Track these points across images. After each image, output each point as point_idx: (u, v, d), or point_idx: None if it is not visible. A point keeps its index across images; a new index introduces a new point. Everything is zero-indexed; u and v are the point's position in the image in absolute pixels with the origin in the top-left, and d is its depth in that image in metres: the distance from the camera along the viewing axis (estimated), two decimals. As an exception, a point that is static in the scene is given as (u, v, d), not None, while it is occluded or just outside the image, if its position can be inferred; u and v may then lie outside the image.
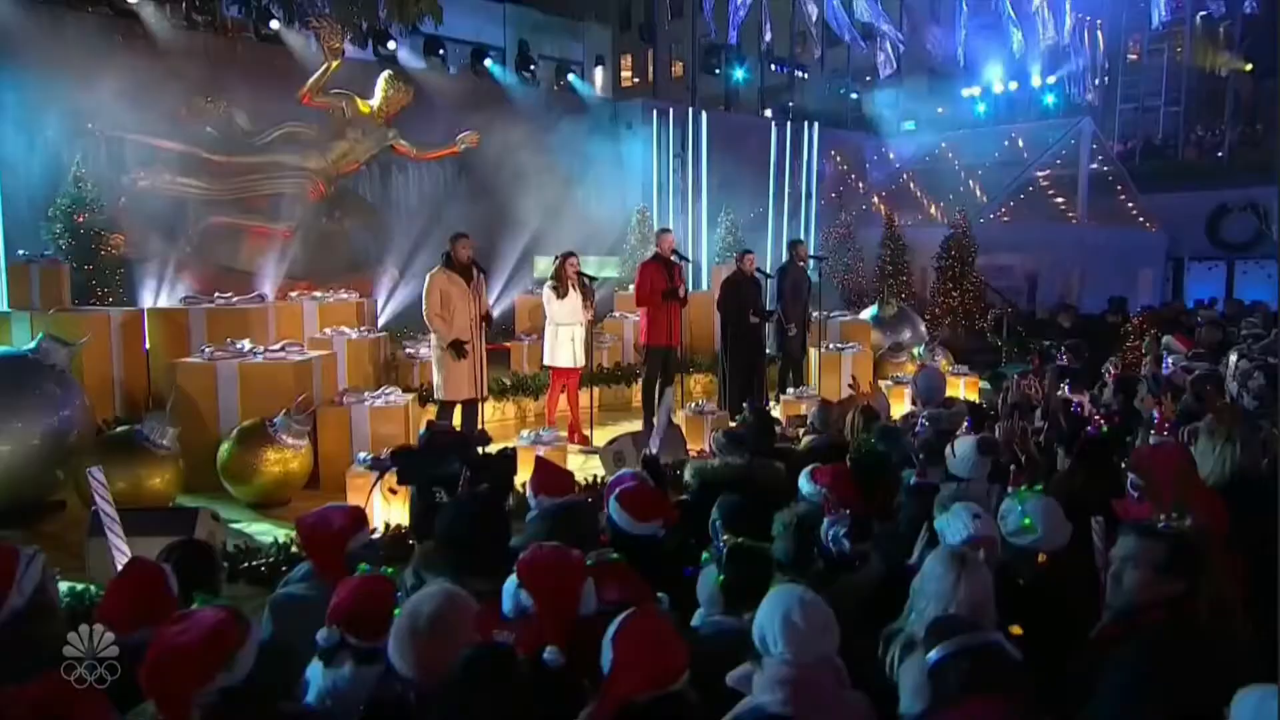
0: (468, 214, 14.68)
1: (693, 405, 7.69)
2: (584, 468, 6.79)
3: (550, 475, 3.61)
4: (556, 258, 7.66)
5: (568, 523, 3.28)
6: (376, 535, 4.37)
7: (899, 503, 3.89)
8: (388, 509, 4.74)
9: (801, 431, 5.09)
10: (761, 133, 15.15)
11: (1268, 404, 5.21)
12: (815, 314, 10.39)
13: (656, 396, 8.27)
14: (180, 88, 11.10)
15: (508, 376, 9.29)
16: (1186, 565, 2.24)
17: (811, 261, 9.82)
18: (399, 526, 4.68)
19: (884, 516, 3.75)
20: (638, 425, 7.96)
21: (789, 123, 15.07)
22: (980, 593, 2.20)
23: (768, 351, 9.33)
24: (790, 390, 8.42)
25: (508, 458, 4.06)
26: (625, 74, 25.60)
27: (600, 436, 8.24)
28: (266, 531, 4.99)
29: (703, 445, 7.24)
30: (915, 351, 11.05)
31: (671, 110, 14.14)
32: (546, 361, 7.75)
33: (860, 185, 23.15)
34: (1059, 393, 6.08)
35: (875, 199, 21.93)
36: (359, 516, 2.96)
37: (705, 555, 2.72)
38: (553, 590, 2.28)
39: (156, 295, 9.68)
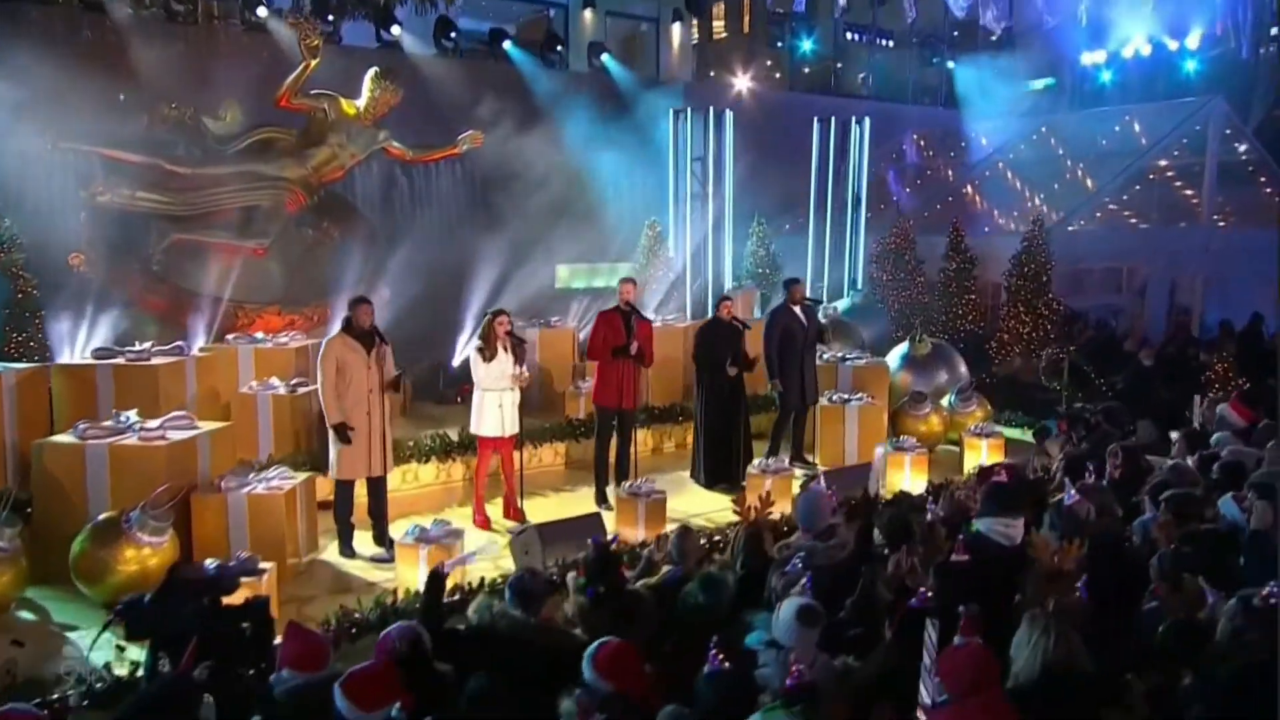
0: (479, 221, 15.03)
1: (626, 485, 7.69)
2: (498, 563, 6.92)
3: (303, 645, 3.71)
4: (486, 314, 7.80)
5: (318, 709, 3.38)
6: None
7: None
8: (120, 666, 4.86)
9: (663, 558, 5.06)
10: (803, 124, 14.96)
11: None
12: (829, 356, 10.28)
13: (610, 462, 8.35)
14: (147, 95, 11.56)
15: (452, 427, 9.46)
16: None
17: (814, 305, 9.69)
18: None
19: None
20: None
21: (833, 117, 14.81)
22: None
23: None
24: (756, 463, 8.33)
25: (256, 609, 4.14)
26: (717, 24, 25.28)
27: (558, 505, 8.39)
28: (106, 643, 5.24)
29: (639, 532, 7.27)
30: (947, 401, 10.78)
31: (692, 109, 14.03)
32: (473, 430, 7.90)
33: (949, 173, 22.62)
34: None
35: (967, 189, 21.40)
36: None
37: None
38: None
39: (81, 343, 10.14)
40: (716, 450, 8.79)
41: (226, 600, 4.26)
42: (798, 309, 9.42)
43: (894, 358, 11.56)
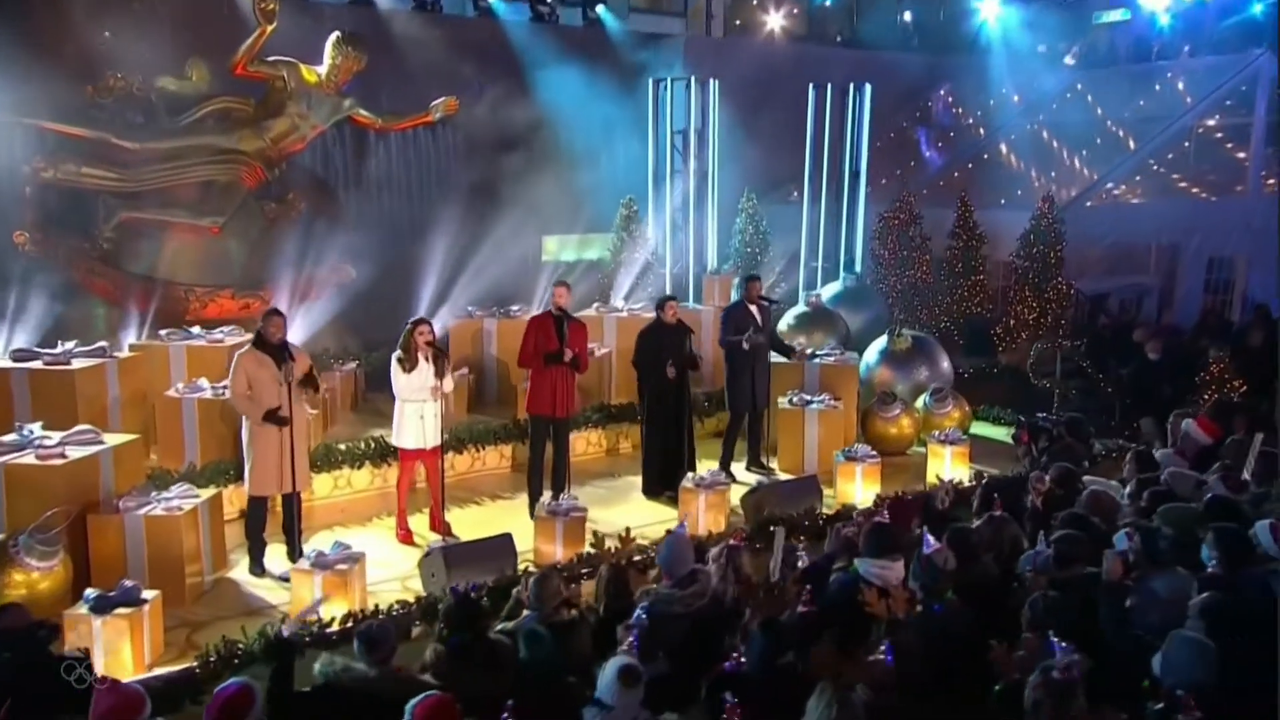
0: (458, 193, 15.26)
1: (546, 501, 8.00)
2: (406, 584, 7.27)
3: (117, 700, 4.05)
4: (407, 324, 8.08)
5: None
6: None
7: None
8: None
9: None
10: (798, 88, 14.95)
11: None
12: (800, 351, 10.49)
13: (543, 474, 8.66)
14: (92, 64, 11.78)
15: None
16: None
17: (770, 305, 9.89)
18: None
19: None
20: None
21: (829, 84, 14.82)
22: None
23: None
24: (689, 476, 8.59)
25: (39, 638, 4.43)
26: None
27: (490, 515, 8.74)
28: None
29: (557, 551, 7.58)
30: (921, 401, 10.95)
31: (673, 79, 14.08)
32: (394, 441, 8.23)
33: (981, 131, 22.45)
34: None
35: (1002, 147, 21.24)
36: None
37: None
38: None
39: (22, 332, 10.52)
40: (659, 458, 9.07)
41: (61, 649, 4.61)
42: (753, 307, 9.63)
43: (872, 353, 11.71)
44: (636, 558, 5.68)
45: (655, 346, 9.03)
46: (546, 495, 8.64)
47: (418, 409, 7.95)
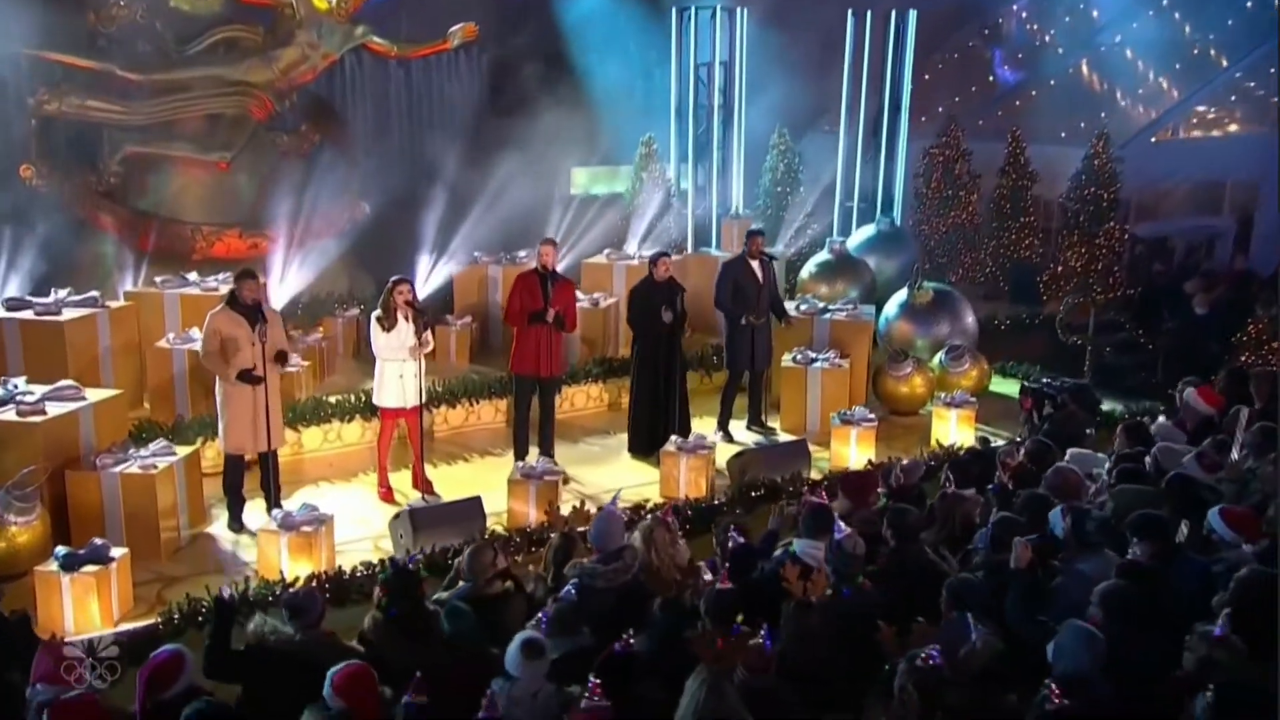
0: (479, 123, 15.63)
1: (521, 465, 8.52)
2: (379, 544, 7.90)
3: (56, 661, 4.69)
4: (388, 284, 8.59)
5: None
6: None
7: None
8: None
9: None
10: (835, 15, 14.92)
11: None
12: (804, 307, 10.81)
13: (530, 433, 9.21)
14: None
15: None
16: None
17: (771, 260, 10.21)
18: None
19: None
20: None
21: (869, 10, 14.81)
22: None
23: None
24: (676, 440, 9.03)
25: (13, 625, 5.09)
26: None
27: (475, 473, 9.31)
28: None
29: (530, 513, 8.12)
30: (937, 359, 11.22)
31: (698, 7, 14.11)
32: (375, 400, 8.80)
33: (1059, 48, 22.10)
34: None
35: (1083, 67, 20.93)
36: None
37: None
38: None
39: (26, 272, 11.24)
40: (648, 419, 9.54)
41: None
42: (755, 263, 9.96)
43: (892, 306, 11.97)
44: (582, 529, 6.16)
45: (646, 304, 9.43)
46: (534, 453, 9.17)
47: (397, 368, 8.49)
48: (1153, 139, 16.30)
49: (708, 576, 5.60)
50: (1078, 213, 14.62)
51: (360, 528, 8.22)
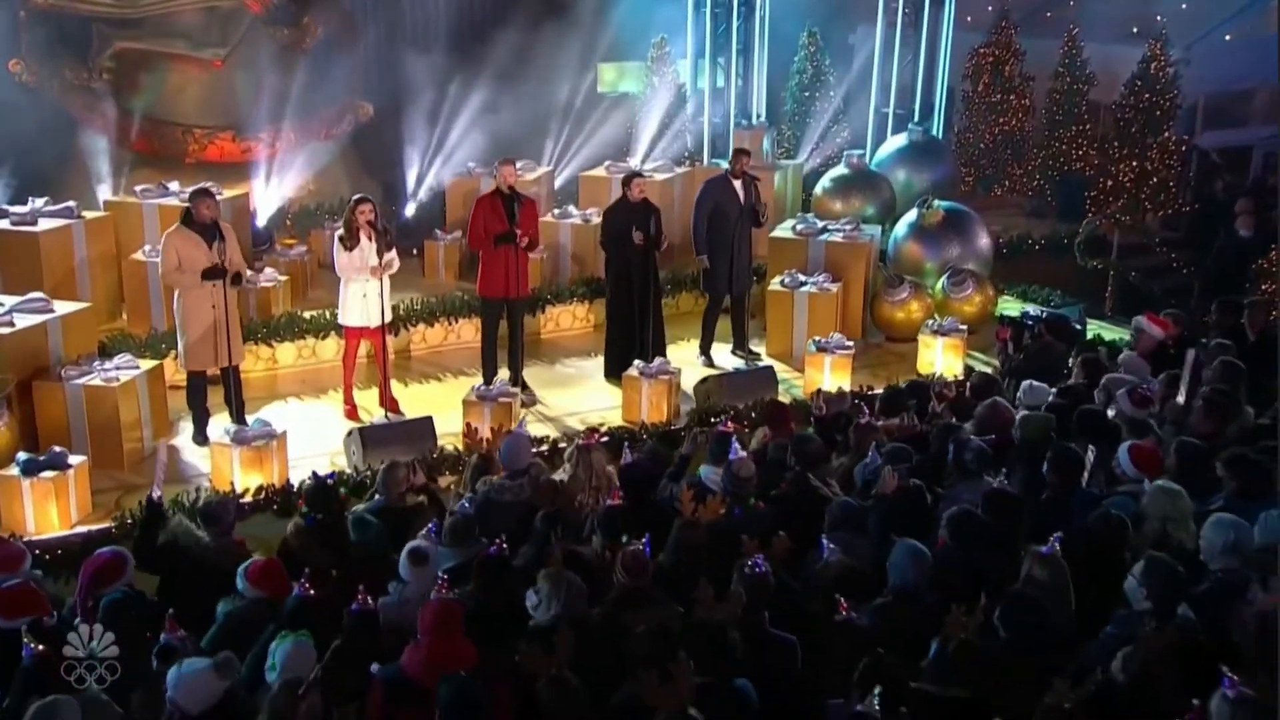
0: (497, 10, 16.46)
1: (478, 387, 9.69)
2: (335, 460, 9.17)
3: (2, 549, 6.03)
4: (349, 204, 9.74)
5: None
6: None
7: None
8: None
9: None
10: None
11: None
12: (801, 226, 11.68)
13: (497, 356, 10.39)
14: None
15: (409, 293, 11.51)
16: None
17: (754, 180, 11.09)
18: None
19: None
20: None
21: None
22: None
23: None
24: (639, 365, 10.10)
25: None
26: None
27: (443, 392, 10.51)
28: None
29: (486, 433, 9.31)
30: (940, 285, 12.08)
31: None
32: (339, 319, 10.02)
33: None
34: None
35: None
36: None
37: None
38: None
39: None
40: (621, 341, 10.63)
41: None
42: (737, 183, 10.90)
43: (901, 226, 12.81)
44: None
45: (620, 226, 10.47)
46: (504, 374, 10.36)
47: (360, 287, 9.67)
48: (1226, 36, 16.57)
49: None
50: (1130, 121, 15.14)
51: (321, 443, 9.48)
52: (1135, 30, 17.27)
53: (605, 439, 8.15)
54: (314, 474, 7.17)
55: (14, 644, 5.25)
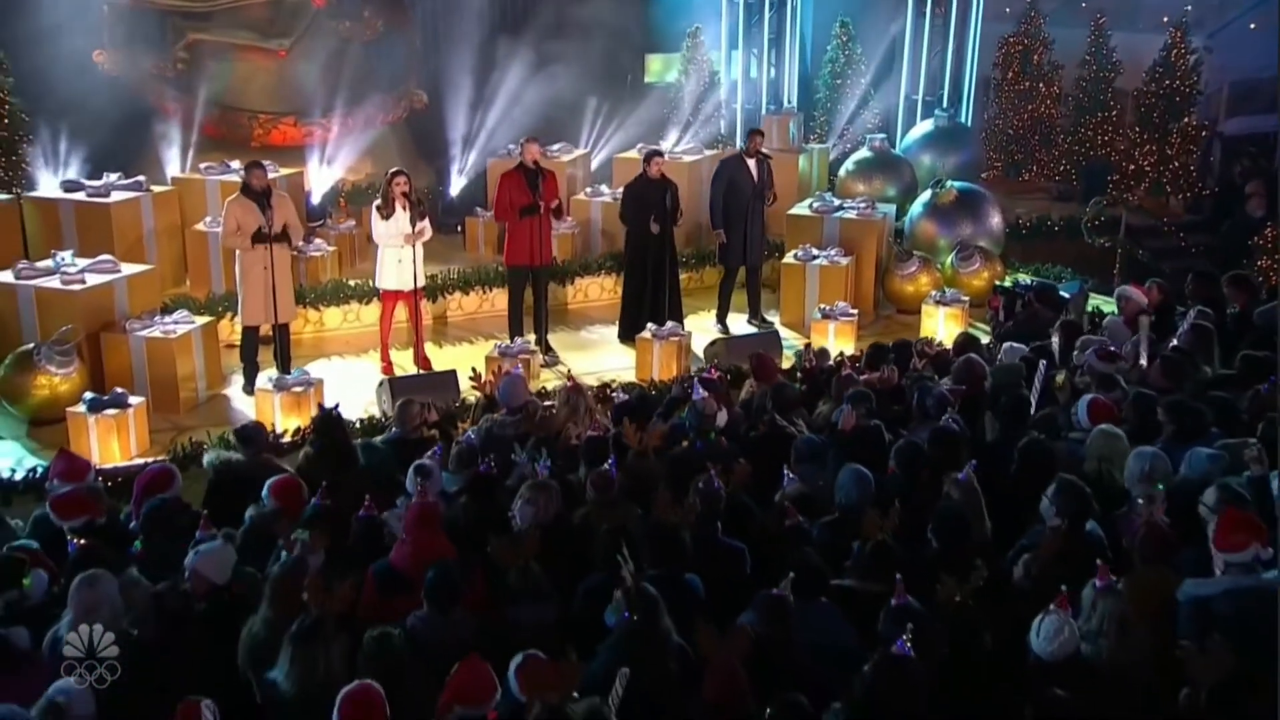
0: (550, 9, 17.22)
1: (500, 344, 10.47)
2: (368, 408, 9.97)
3: (69, 464, 6.88)
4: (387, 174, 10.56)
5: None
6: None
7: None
8: None
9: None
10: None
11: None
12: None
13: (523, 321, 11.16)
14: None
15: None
16: None
17: (766, 159, 11.74)
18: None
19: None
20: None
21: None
22: None
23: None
24: (651, 328, 10.80)
25: None
26: None
27: (473, 353, 11.28)
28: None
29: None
30: (949, 260, 12.64)
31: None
32: (376, 283, 10.85)
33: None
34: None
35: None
36: None
37: None
38: None
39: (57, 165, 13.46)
40: (635, 306, 11.34)
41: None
42: (751, 161, 11.56)
43: (916, 205, 13.37)
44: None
45: (638, 200, 11.18)
46: (531, 339, 11.12)
47: (396, 253, 10.48)
48: (1251, 25, 16.81)
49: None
50: (1151, 107, 15.52)
51: (357, 394, 10.26)
52: (1165, 20, 17.59)
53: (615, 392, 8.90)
54: (320, 406, 7.94)
55: (59, 544, 6.08)
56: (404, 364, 11.05)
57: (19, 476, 8.48)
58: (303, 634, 4.81)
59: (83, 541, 5.97)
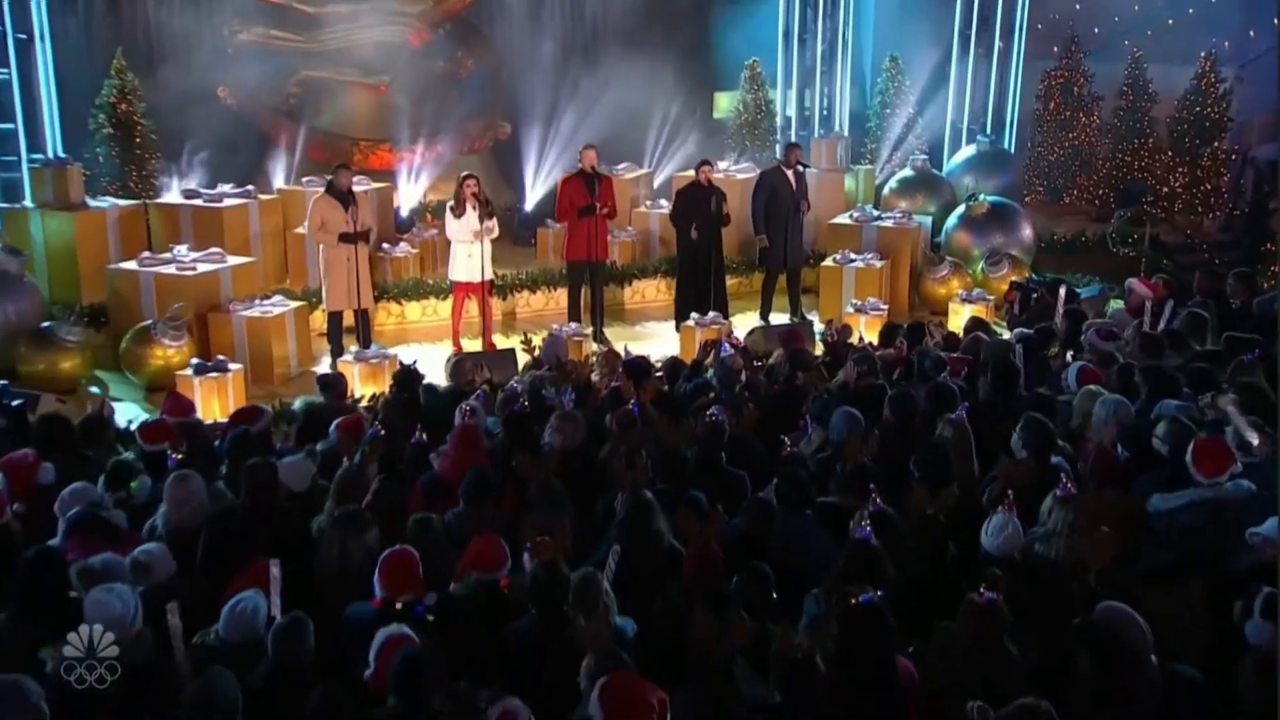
0: (625, 46, 17.96)
1: (555, 326, 11.10)
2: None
3: (178, 403, 7.63)
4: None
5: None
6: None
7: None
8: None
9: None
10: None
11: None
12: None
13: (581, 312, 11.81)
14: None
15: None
16: None
17: (805, 170, 12.27)
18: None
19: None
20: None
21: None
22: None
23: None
24: (695, 317, 11.36)
25: None
26: None
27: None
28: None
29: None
30: (979, 266, 13.01)
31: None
32: (449, 276, 11.57)
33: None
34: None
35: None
36: None
37: None
38: None
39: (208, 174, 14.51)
40: (690, 297, 11.92)
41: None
42: (789, 172, 12.11)
43: (952, 218, 13.79)
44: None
45: (687, 205, 11.80)
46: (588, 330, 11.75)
47: (466, 249, 11.19)
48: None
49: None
50: (1184, 133, 15.73)
51: (431, 374, 10.91)
52: (1203, 54, 17.75)
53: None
54: (401, 362, 8.61)
55: (160, 462, 6.77)
56: (472, 349, 11.69)
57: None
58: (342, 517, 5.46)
59: (179, 456, 6.66)
